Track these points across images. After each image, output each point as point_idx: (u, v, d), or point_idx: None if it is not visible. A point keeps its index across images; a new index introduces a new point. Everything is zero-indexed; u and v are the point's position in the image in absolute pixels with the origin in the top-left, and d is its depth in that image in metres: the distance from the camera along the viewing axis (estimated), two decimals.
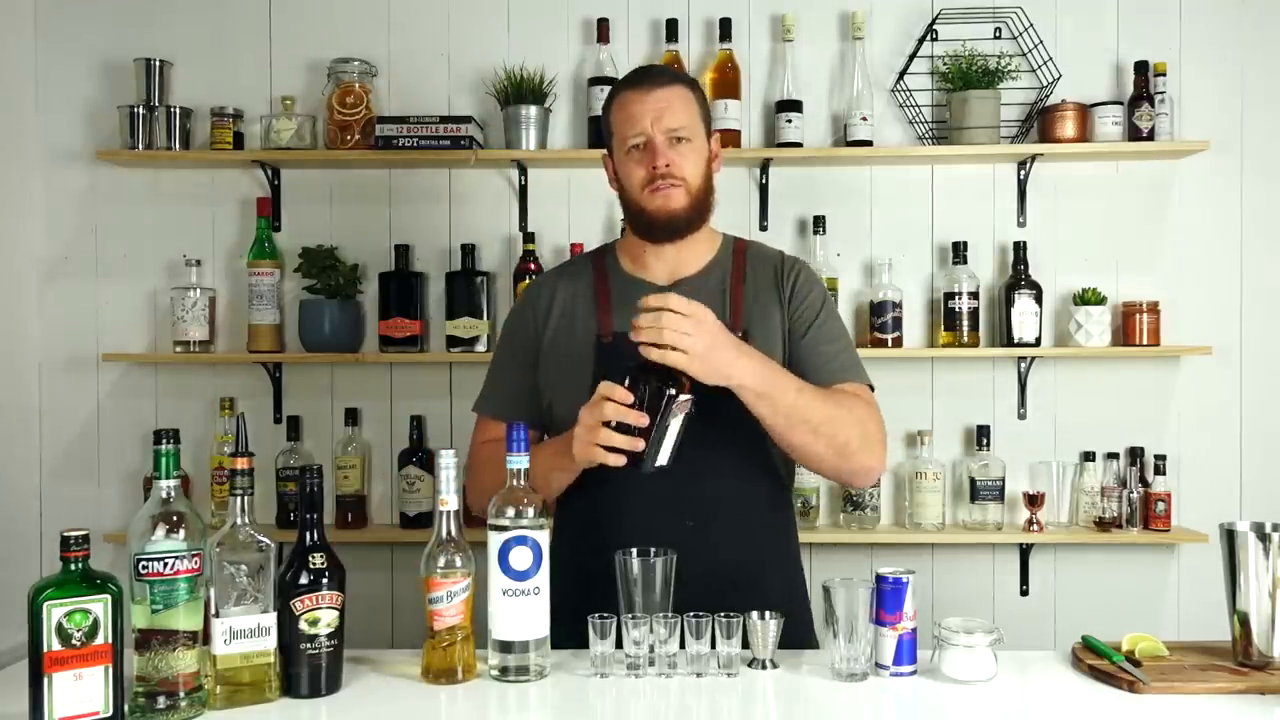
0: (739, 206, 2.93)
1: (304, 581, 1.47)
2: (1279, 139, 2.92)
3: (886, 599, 1.52)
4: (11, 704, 1.38)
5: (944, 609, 1.83)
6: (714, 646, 1.53)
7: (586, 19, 2.95)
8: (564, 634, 1.61)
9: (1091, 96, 2.89)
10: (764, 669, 1.57)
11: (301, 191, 2.97)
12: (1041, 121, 2.87)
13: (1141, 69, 2.85)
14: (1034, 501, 2.82)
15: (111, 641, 1.34)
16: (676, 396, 1.54)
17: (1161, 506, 2.79)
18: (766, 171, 2.92)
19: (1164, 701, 1.47)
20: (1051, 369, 2.94)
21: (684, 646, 1.53)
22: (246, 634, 1.44)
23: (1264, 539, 1.56)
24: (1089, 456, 2.86)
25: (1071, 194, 2.94)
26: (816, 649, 1.78)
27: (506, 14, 2.97)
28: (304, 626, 1.46)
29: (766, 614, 1.57)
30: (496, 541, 1.53)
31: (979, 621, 1.57)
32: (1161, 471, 2.81)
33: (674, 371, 1.55)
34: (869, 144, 2.85)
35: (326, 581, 1.48)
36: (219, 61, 2.97)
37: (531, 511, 1.53)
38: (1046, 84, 2.89)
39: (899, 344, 2.85)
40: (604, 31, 2.89)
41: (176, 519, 1.41)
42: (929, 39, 2.92)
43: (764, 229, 2.93)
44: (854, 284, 2.95)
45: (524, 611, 1.52)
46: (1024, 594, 2.94)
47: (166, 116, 2.86)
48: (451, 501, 1.53)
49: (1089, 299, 2.84)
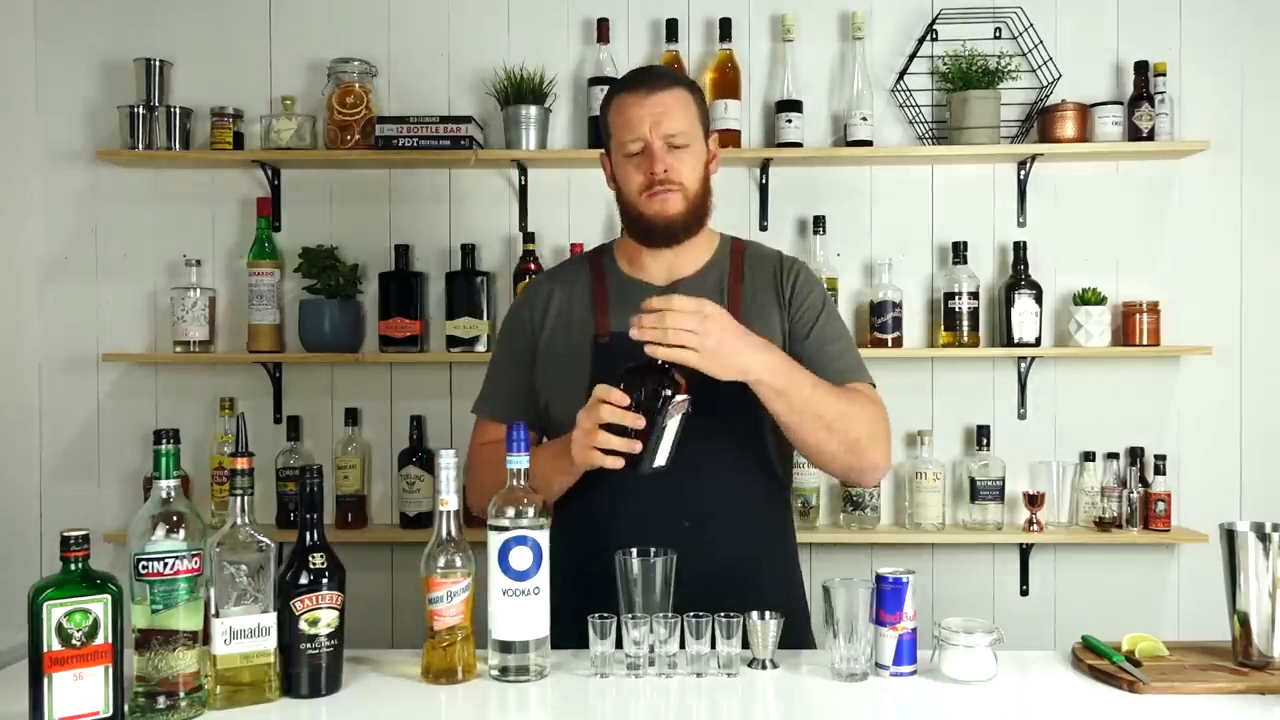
0: (739, 206, 2.94)
1: (304, 581, 1.47)
2: (1279, 138, 2.92)
3: (886, 599, 1.52)
4: (11, 704, 1.38)
5: (944, 609, 1.82)
6: (714, 646, 1.53)
7: (586, 19, 2.95)
8: (564, 634, 1.60)
9: (1091, 96, 2.89)
10: (764, 669, 1.57)
11: (301, 191, 2.97)
12: (1041, 121, 2.87)
13: (1141, 69, 2.85)
14: (1034, 501, 2.82)
15: (111, 641, 1.34)
16: (673, 397, 1.53)
17: (1161, 506, 2.79)
18: (766, 171, 2.92)
19: (1164, 701, 1.47)
20: (1051, 369, 2.94)
21: (684, 646, 1.53)
22: (246, 634, 1.44)
23: (1264, 539, 1.56)
24: (1089, 456, 2.86)
25: (1071, 194, 2.94)
26: (814, 648, 1.78)
27: (506, 14, 2.97)
28: (304, 626, 1.46)
29: (766, 614, 1.57)
30: (496, 541, 1.53)
31: (979, 621, 1.57)
32: (1161, 471, 2.81)
33: (670, 372, 1.54)
34: (869, 144, 2.85)
35: (326, 581, 1.48)
36: (219, 61, 2.97)
37: (531, 511, 1.53)
38: (1046, 84, 2.89)
39: (899, 344, 2.85)
40: (604, 31, 2.89)
41: (176, 519, 1.41)
42: (929, 39, 2.92)
43: (764, 229, 2.93)
44: (854, 284, 2.95)
45: (524, 611, 1.52)
46: (1024, 594, 2.94)
47: (166, 116, 2.86)
48: (451, 501, 1.53)
49: (1089, 299, 2.84)
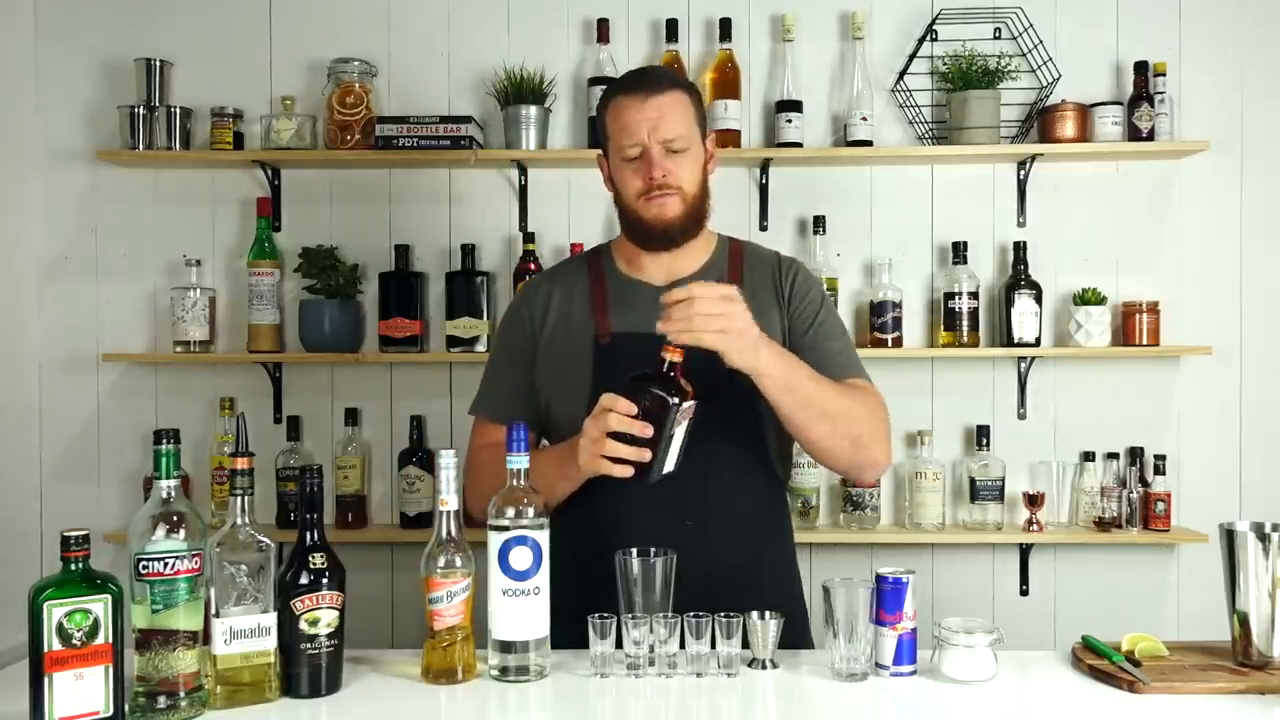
0: (739, 206, 2.93)
1: (304, 581, 1.47)
2: (1279, 138, 2.92)
3: (886, 599, 1.52)
4: (12, 704, 1.38)
5: (944, 609, 1.83)
6: (714, 646, 1.53)
7: (586, 19, 2.95)
8: (564, 634, 1.60)
9: (1091, 96, 2.89)
10: (764, 669, 1.57)
11: (301, 191, 2.97)
12: (1041, 121, 2.87)
13: (1141, 69, 2.85)
14: (1034, 501, 2.82)
15: (112, 641, 1.34)
16: (681, 405, 1.53)
17: (1161, 506, 2.79)
18: (766, 171, 2.92)
19: (1164, 701, 1.47)
20: (1051, 369, 2.94)
21: (684, 646, 1.53)
22: (246, 634, 1.44)
23: (1264, 539, 1.56)
24: (1089, 456, 2.86)
25: (1071, 194, 2.94)
26: (814, 648, 1.78)
27: (506, 14, 2.97)
28: (304, 626, 1.46)
29: (766, 614, 1.57)
30: (496, 541, 1.53)
31: (979, 621, 1.57)
32: (1161, 471, 2.81)
33: (677, 379, 1.54)
34: (869, 144, 2.85)
35: (326, 581, 1.48)
36: (219, 61, 2.97)
37: (531, 511, 1.53)
38: (1046, 84, 2.89)
39: (899, 344, 2.85)
40: (604, 31, 2.89)
41: (176, 519, 1.41)
42: (929, 39, 2.92)
43: (764, 229, 2.93)
44: (854, 284, 2.95)
45: (524, 611, 1.52)
46: (1024, 594, 2.94)
47: (166, 116, 2.86)
48: (451, 501, 1.53)
49: (1089, 299, 2.84)
